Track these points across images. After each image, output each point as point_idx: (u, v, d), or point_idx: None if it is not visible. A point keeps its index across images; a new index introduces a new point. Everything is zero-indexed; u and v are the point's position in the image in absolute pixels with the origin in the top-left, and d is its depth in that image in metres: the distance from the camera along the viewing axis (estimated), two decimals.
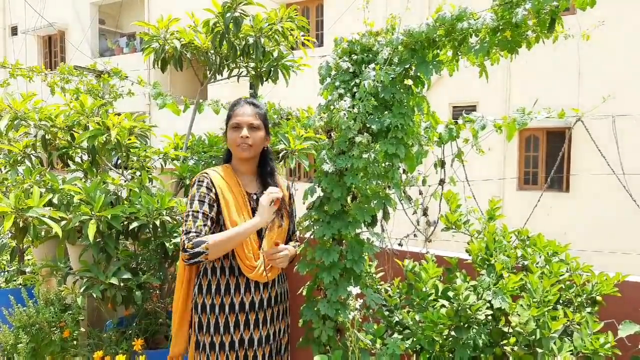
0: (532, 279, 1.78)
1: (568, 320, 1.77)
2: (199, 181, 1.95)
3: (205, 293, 1.95)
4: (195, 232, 1.82)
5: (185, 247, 1.79)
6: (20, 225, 2.15)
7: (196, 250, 1.78)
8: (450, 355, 1.84)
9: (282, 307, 2.10)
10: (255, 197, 2.03)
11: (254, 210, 1.99)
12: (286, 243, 2.09)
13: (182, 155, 2.89)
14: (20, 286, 3.41)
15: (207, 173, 1.97)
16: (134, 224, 2.34)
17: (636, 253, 6.79)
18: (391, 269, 2.32)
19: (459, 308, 1.81)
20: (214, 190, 1.93)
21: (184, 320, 2.06)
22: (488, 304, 1.81)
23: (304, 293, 2.09)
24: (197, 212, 1.87)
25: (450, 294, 1.87)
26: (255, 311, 1.97)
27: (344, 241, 2.01)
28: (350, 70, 1.92)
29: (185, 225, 1.85)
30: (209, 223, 1.87)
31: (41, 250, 2.88)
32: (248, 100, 2.07)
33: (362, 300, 2.01)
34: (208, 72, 3.01)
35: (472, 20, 1.69)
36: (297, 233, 2.49)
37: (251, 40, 2.69)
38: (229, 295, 1.94)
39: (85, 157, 2.74)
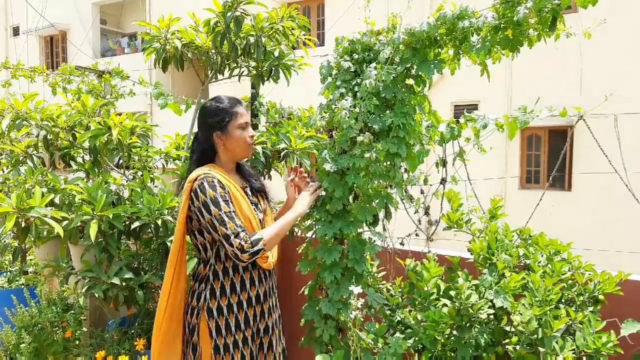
0: (534, 278, 1.78)
1: (570, 319, 1.76)
2: (208, 182, 1.86)
3: (220, 295, 1.90)
4: (242, 230, 1.79)
5: (244, 247, 1.75)
6: (22, 226, 2.16)
7: (256, 248, 1.77)
8: (453, 354, 1.84)
9: (276, 294, 2.13)
10: (246, 190, 2.03)
11: (251, 203, 2.00)
12: None
13: (184, 155, 2.89)
14: (22, 286, 3.42)
15: (210, 173, 1.90)
16: (136, 224, 2.34)
17: (639, 252, 6.77)
18: (393, 268, 2.32)
19: (461, 307, 1.81)
20: (225, 189, 1.89)
21: (179, 330, 1.98)
22: (490, 303, 1.81)
23: (306, 292, 2.10)
24: (230, 212, 1.82)
25: (452, 293, 1.86)
26: (268, 300, 2.00)
27: (345, 240, 2.01)
28: (352, 69, 1.92)
29: (227, 228, 1.78)
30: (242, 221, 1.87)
31: (43, 250, 2.88)
32: (237, 98, 2.06)
33: (363, 300, 2.01)
34: (209, 72, 3.01)
35: (474, 19, 1.69)
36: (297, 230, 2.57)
37: (252, 39, 2.69)
38: (245, 291, 1.92)
39: (87, 157, 2.74)
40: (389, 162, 1.90)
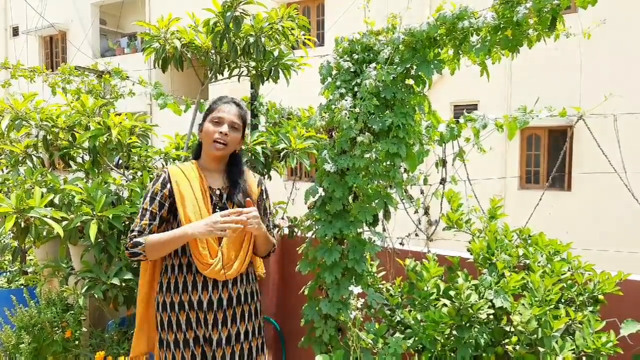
0: (533, 278, 1.78)
1: (570, 319, 1.76)
2: (157, 176, 1.95)
3: (166, 291, 1.94)
4: (138, 230, 1.86)
5: (127, 246, 1.85)
6: (22, 226, 2.16)
7: (134, 250, 1.84)
8: (452, 354, 1.84)
9: (248, 308, 1.98)
10: (218, 192, 1.96)
11: (215, 206, 1.93)
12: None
13: (183, 155, 2.89)
14: (22, 286, 3.42)
15: (166, 168, 1.96)
16: None
17: (638, 252, 6.78)
18: (393, 268, 2.32)
19: (461, 307, 1.81)
20: (169, 185, 1.90)
21: (144, 319, 2.05)
22: (490, 303, 1.81)
23: (306, 292, 2.10)
24: (146, 210, 1.89)
25: (452, 293, 1.86)
26: (214, 310, 1.90)
27: (345, 241, 2.01)
28: (351, 69, 1.92)
29: (134, 222, 1.90)
30: (155, 221, 1.88)
31: (43, 250, 2.88)
32: (234, 99, 2.02)
33: (363, 300, 2.01)
34: (209, 72, 3.00)
35: (473, 19, 1.69)
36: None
37: (252, 39, 2.69)
38: (186, 293, 1.90)
39: (86, 157, 2.74)
40: (388, 162, 1.90)
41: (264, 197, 2.08)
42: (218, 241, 1.91)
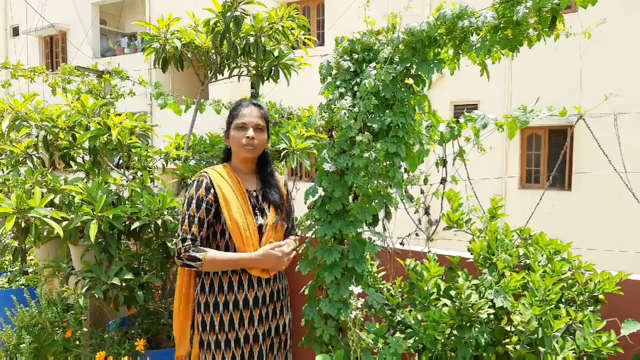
0: (534, 277, 1.78)
1: (570, 319, 1.76)
2: (198, 181, 1.97)
3: (209, 292, 1.97)
4: (191, 238, 1.88)
5: (181, 255, 1.87)
6: (22, 226, 2.16)
7: (189, 263, 1.87)
8: (453, 354, 1.84)
9: (283, 303, 2.11)
10: (255, 194, 2.05)
11: (254, 207, 2.01)
12: (284, 238, 2.12)
13: (184, 155, 2.89)
14: (22, 286, 3.42)
15: (206, 172, 1.99)
16: (136, 224, 2.34)
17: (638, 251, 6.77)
18: (393, 268, 2.32)
19: (461, 307, 1.81)
20: (212, 190, 1.94)
21: (186, 322, 2.05)
22: (490, 303, 1.81)
23: (306, 292, 2.09)
24: (194, 216, 1.90)
25: (452, 292, 1.86)
26: (259, 307, 1.99)
27: (345, 240, 2.01)
28: (351, 69, 1.92)
29: (182, 228, 1.90)
30: (204, 227, 1.92)
31: (43, 250, 2.88)
32: (253, 101, 2.09)
33: (363, 300, 2.01)
34: (209, 72, 3.00)
35: (473, 19, 1.69)
36: (297, 231, 2.48)
37: (252, 39, 2.69)
38: (232, 293, 1.95)
39: (86, 158, 2.74)
40: (388, 162, 1.90)
41: (289, 197, 2.22)
42: (259, 241, 1.98)
